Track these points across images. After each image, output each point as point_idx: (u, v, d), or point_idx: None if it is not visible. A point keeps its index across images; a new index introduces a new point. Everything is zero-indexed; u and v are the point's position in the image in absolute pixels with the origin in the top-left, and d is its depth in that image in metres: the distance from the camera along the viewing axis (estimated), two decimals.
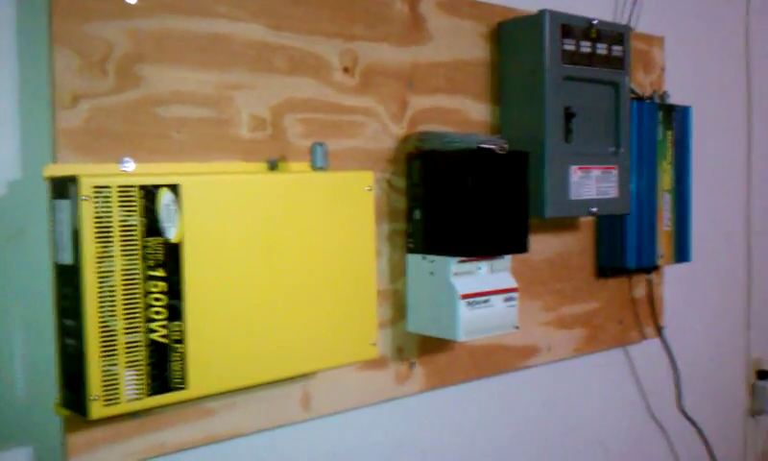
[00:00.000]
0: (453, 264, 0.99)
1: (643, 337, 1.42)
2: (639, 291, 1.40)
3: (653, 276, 1.41)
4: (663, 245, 1.32)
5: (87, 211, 0.69)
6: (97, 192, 0.70)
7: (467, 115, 1.11)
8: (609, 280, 1.35)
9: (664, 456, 1.55)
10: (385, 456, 1.06)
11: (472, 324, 0.99)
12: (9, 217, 0.76)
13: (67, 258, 0.71)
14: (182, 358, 0.75)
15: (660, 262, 1.32)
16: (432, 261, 1.01)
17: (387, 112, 1.02)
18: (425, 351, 1.07)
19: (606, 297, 1.34)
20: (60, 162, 0.76)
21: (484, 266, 1.02)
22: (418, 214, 1.03)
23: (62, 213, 0.72)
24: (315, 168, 0.89)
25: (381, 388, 1.02)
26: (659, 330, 1.42)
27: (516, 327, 1.05)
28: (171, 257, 0.74)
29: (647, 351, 1.44)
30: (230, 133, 0.88)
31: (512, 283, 1.04)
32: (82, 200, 0.69)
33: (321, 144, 0.89)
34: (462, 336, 0.99)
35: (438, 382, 1.09)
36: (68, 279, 0.71)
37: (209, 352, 0.77)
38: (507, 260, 1.05)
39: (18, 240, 0.76)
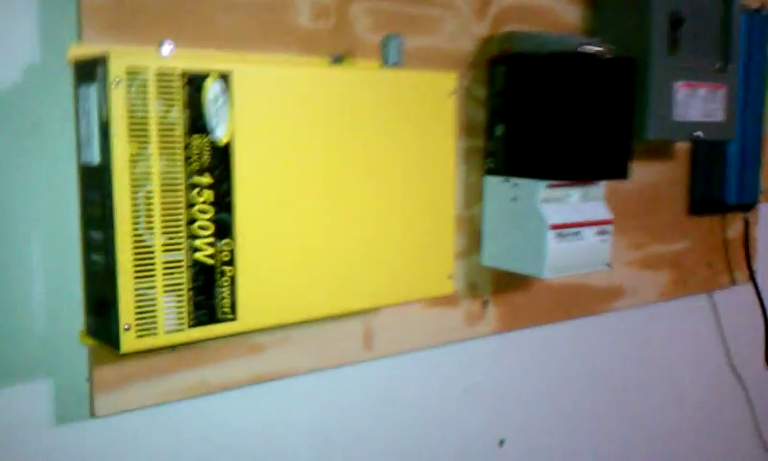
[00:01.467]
0: (542, 189, 0.84)
1: (733, 282, 1.27)
2: (734, 231, 1.24)
3: (750, 214, 1.25)
4: (766, 180, 1.16)
5: (119, 99, 0.56)
6: (131, 76, 0.56)
7: (558, 16, 0.95)
8: (701, 218, 1.19)
9: (743, 413, 1.41)
10: (449, 403, 0.94)
11: (560, 259, 0.86)
12: (25, 108, 0.63)
13: (94, 157, 0.59)
14: (232, 284, 0.63)
15: (761, 199, 1.16)
16: (516, 185, 0.86)
17: (468, 7, 0.86)
18: (500, 289, 0.94)
19: (697, 236, 1.19)
20: (87, 43, 0.62)
21: (576, 193, 0.88)
22: (500, 130, 0.88)
23: (89, 102, 0.58)
24: (388, 65, 0.74)
25: (451, 328, 0.90)
26: (751, 275, 1.27)
27: (608, 265, 0.91)
28: (220, 162, 0.61)
29: (736, 297, 1.29)
30: (288, 20, 0.73)
31: (606, 214, 0.89)
32: (112, 85, 0.56)
33: (396, 36, 0.74)
34: (547, 273, 0.85)
35: (512, 324, 0.96)
36: (95, 182, 0.59)
37: (263, 278, 0.64)
38: (601, 187, 0.90)
39: (35, 137, 0.63)
